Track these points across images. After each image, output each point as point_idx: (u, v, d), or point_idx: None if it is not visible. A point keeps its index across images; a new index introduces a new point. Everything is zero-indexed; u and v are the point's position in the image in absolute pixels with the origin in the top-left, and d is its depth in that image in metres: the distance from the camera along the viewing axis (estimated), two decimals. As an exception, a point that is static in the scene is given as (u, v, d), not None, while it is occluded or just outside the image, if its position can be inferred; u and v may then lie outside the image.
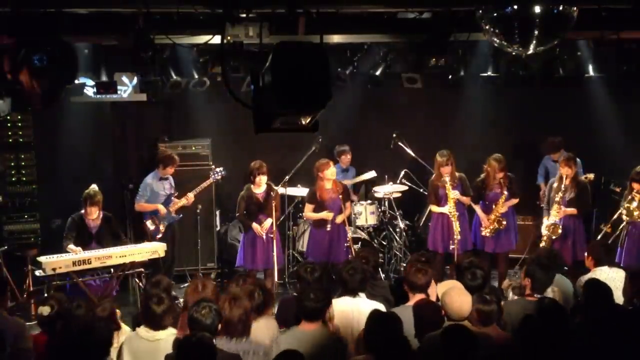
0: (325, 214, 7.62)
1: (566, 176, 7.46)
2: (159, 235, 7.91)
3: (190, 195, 8.01)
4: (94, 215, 7.17)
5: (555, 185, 7.61)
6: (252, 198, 7.63)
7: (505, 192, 7.66)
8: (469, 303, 4.42)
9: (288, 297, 7.05)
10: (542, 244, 7.47)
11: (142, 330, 4.50)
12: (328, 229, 7.65)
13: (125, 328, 5.06)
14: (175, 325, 4.68)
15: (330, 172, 7.57)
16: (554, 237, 7.43)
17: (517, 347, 4.16)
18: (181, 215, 8.20)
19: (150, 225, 7.93)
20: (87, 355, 3.97)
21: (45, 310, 4.84)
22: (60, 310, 4.81)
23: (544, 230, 7.56)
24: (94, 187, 7.35)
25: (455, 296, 4.44)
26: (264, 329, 4.61)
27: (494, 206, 7.73)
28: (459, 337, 3.94)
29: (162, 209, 7.92)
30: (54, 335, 4.75)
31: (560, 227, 7.42)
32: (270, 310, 4.98)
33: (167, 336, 4.47)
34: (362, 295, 5.05)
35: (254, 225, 7.60)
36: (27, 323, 5.74)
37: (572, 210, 7.49)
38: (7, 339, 4.41)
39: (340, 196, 7.59)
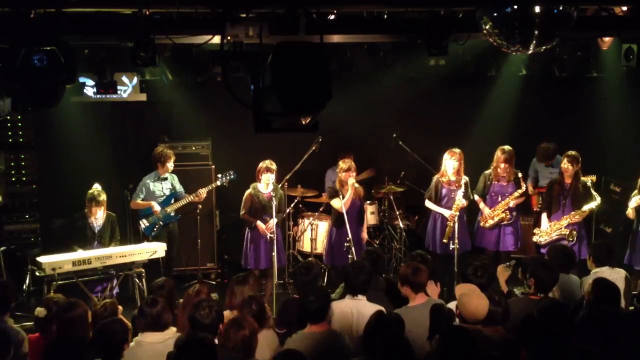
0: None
1: (568, 176, 7.44)
2: (153, 234, 7.89)
3: (202, 191, 7.99)
4: (97, 215, 7.18)
5: (556, 186, 7.58)
6: (257, 197, 7.63)
7: (523, 188, 7.61)
8: (485, 306, 4.42)
9: (289, 298, 7.05)
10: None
11: (144, 336, 4.45)
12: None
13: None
14: (174, 324, 4.68)
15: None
16: (569, 240, 7.37)
17: (517, 346, 4.16)
18: (179, 216, 8.16)
19: (142, 224, 7.92)
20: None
21: (41, 312, 4.81)
22: (57, 311, 4.76)
23: (556, 233, 7.51)
24: (97, 186, 7.35)
25: (473, 298, 4.44)
26: (263, 343, 4.55)
27: (499, 198, 7.71)
28: (459, 341, 3.90)
29: (155, 207, 7.87)
30: (49, 336, 4.71)
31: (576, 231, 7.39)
32: (267, 323, 4.91)
33: (173, 335, 4.46)
34: (363, 297, 5.04)
35: (259, 223, 7.58)
36: (27, 323, 5.75)
37: (588, 211, 7.45)
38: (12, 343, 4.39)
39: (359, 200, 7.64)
